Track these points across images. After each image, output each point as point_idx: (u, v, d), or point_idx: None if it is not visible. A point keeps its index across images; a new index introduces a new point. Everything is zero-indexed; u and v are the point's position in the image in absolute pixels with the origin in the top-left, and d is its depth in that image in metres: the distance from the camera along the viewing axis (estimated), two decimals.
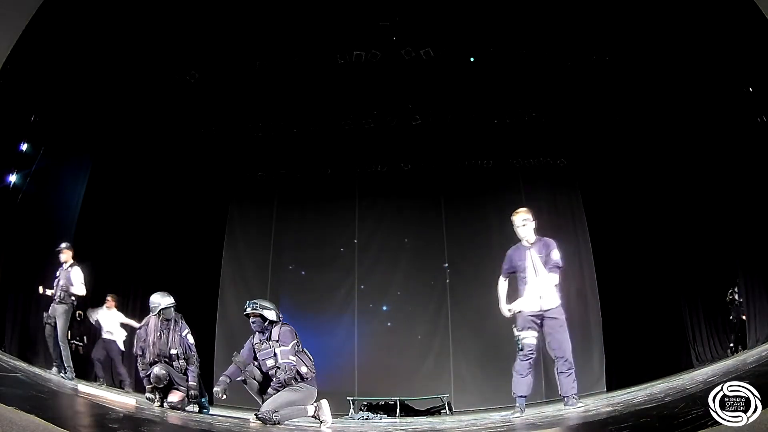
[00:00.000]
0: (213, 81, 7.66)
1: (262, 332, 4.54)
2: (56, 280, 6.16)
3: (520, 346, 4.40)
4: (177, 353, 5.01)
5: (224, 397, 4.35)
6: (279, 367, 4.32)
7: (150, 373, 4.94)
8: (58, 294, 6.06)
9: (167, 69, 7.43)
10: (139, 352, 5.13)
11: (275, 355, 4.40)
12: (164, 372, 4.89)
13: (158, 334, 5.06)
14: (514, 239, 9.55)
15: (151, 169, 8.50)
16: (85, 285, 6.25)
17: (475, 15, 6.85)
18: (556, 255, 4.51)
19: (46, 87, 6.43)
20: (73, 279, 6.13)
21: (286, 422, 4.17)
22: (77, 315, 6.38)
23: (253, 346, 4.56)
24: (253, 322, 4.55)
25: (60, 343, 5.91)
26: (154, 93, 7.70)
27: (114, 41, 6.63)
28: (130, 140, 8.15)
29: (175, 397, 4.94)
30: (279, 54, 7.37)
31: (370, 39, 7.18)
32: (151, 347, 5.02)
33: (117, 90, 7.38)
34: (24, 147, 6.48)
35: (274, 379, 4.34)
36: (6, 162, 6.31)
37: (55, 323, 5.94)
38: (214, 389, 4.41)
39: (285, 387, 4.27)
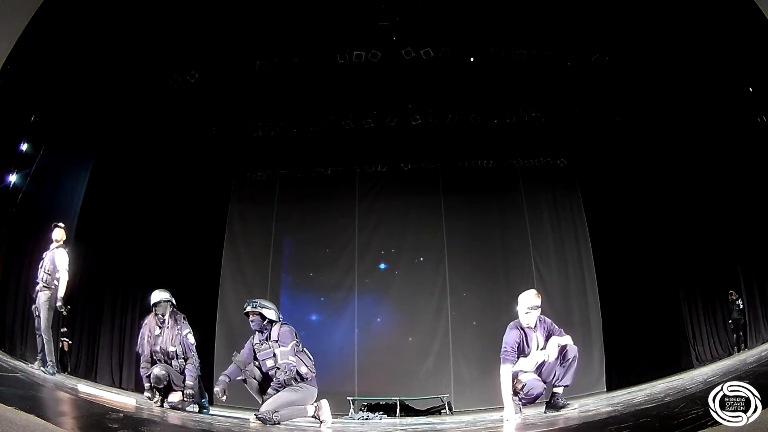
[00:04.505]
0: (213, 81, 7.65)
1: (261, 331, 4.53)
2: (41, 262, 5.54)
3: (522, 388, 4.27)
4: (176, 351, 5.01)
5: (224, 396, 4.35)
6: (279, 368, 4.32)
7: (150, 373, 4.95)
8: (41, 277, 5.40)
9: (167, 69, 7.43)
10: (140, 350, 5.16)
11: (275, 355, 4.39)
12: (164, 373, 4.89)
13: (155, 331, 5.07)
14: (514, 242, 9.56)
15: (151, 169, 8.50)
16: (69, 272, 5.52)
17: (475, 15, 6.85)
18: (556, 328, 4.38)
19: (46, 87, 6.42)
20: (58, 262, 5.45)
21: (286, 422, 4.17)
22: (59, 308, 5.46)
23: (253, 346, 4.54)
24: (252, 321, 4.54)
25: (43, 333, 5.29)
26: (155, 93, 7.70)
27: (114, 41, 6.63)
28: (130, 140, 8.14)
29: (175, 397, 4.94)
30: (279, 54, 7.36)
31: (370, 39, 7.18)
32: (146, 344, 5.04)
33: (117, 90, 7.37)
34: (24, 147, 6.46)
35: (274, 379, 4.34)
36: (6, 162, 6.29)
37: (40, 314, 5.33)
38: (214, 389, 4.41)
39: (285, 387, 4.27)
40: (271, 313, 4.53)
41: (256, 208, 9.61)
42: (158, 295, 5.16)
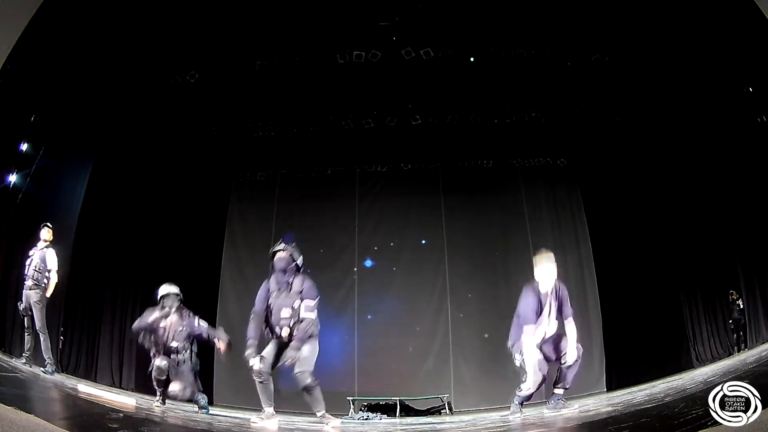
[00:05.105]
0: (213, 81, 7.66)
1: (284, 272, 4.34)
2: (29, 260, 5.61)
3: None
4: (177, 347, 5.02)
5: (256, 358, 4.16)
6: (302, 320, 4.19)
7: (152, 366, 4.97)
8: (32, 275, 5.50)
9: (167, 69, 7.44)
10: (145, 344, 5.16)
11: (294, 308, 4.24)
12: (165, 363, 4.91)
13: (160, 324, 5.07)
14: (513, 241, 9.54)
15: (151, 169, 8.49)
16: (58, 273, 5.69)
17: (475, 15, 6.85)
18: (568, 305, 4.46)
19: (46, 87, 6.42)
20: (49, 262, 5.60)
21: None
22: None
23: (268, 294, 4.34)
24: (280, 260, 4.35)
25: (39, 332, 5.41)
26: (155, 93, 7.70)
27: (114, 41, 6.63)
28: (130, 140, 8.14)
29: (176, 385, 4.91)
30: (279, 54, 7.37)
31: (370, 39, 7.19)
32: (150, 336, 5.06)
33: (117, 90, 7.37)
34: (24, 147, 6.46)
35: (285, 331, 4.21)
36: (6, 162, 6.30)
37: (32, 313, 5.43)
38: (246, 354, 4.20)
39: (308, 341, 4.20)
40: (300, 260, 4.47)
41: (256, 208, 9.59)
42: (167, 288, 5.20)
